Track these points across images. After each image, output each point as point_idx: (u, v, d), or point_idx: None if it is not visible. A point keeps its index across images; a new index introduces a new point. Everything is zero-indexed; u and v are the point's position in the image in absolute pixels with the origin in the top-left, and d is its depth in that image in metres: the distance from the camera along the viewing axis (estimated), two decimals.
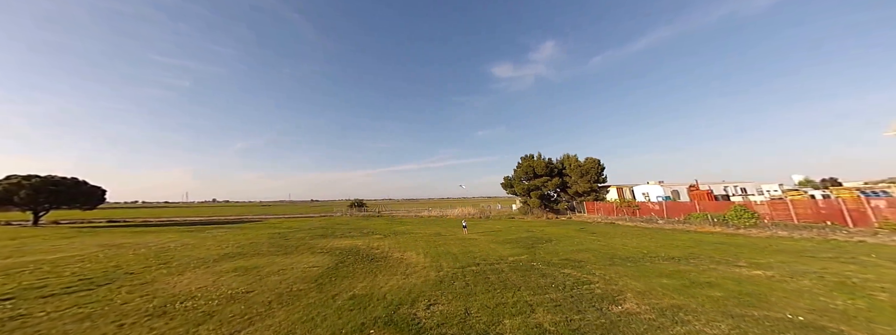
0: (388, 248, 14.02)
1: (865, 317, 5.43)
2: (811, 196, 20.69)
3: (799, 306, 6.08)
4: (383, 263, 10.83)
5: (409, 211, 51.53)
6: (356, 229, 23.83)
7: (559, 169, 29.90)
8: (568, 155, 30.36)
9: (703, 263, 9.97)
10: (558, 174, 29.57)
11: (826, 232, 13.98)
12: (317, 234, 20.31)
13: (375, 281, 8.53)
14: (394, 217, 41.37)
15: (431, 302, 6.70)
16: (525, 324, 5.44)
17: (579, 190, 28.22)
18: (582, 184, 28.04)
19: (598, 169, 28.21)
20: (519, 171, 31.41)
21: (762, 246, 12.75)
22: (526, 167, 30.39)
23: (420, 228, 24.08)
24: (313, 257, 12.06)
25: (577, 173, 28.47)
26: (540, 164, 29.65)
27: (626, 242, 14.74)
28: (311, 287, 7.96)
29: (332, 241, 16.70)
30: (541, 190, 29.07)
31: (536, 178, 29.55)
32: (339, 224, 29.95)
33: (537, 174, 29.64)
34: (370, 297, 7.06)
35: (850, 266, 8.95)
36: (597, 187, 28.10)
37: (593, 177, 28.03)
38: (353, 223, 30.92)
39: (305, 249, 14.03)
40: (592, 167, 28.21)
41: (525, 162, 30.98)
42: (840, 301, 6.27)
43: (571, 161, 29.69)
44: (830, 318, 5.46)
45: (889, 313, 5.64)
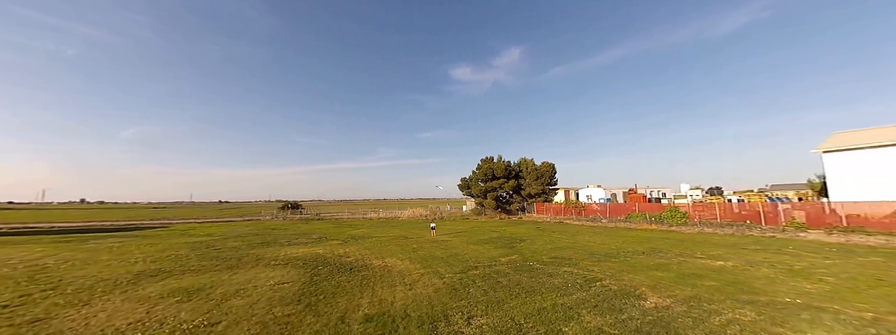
0: (362, 256, 12.44)
1: (840, 297, 6.45)
2: (728, 200, 25.85)
3: (782, 291, 6.99)
4: (370, 273, 9.44)
5: (353, 213, 48.15)
6: (302, 235, 20.97)
7: (516, 171, 31.34)
8: (524, 158, 32.16)
9: (670, 257, 11.09)
10: (515, 176, 30.96)
11: (743, 229, 17.20)
12: (254, 243, 17.17)
13: (378, 294, 7.26)
14: (338, 220, 37.97)
15: (467, 314, 5.86)
16: (586, 330, 5.04)
17: (532, 192, 30.00)
18: (535, 187, 29.87)
19: (552, 172, 30.45)
20: (478, 173, 31.90)
21: (699, 241, 14.95)
22: (486, 169, 31.05)
23: (379, 232, 22.37)
24: (273, 271, 9.92)
25: (532, 176, 30.23)
26: (500, 166, 30.62)
27: (591, 239, 15.83)
28: (299, 310, 6.33)
29: (282, 250, 14.20)
30: (497, 191, 29.97)
31: (494, 180, 30.41)
32: (275, 229, 26.11)
33: (496, 176, 30.52)
34: (389, 316, 5.87)
35: (783, 256, 10.92)
36: (548, 189, 30.26)
37: (546, 180, 30.14)
38: (292, 228, 27.28)
39: (253, 262, 11.55)
40: (547, 170, 30.30)
41: (485, 164, 31.65)
42: (807, 285, 7.42)
43: (528, 164, 31.41)
44: (816, 300, 6.35)
45: (852, 293, 6.81)
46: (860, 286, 7.23)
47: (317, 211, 54.49)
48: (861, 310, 5.75)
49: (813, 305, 5.99)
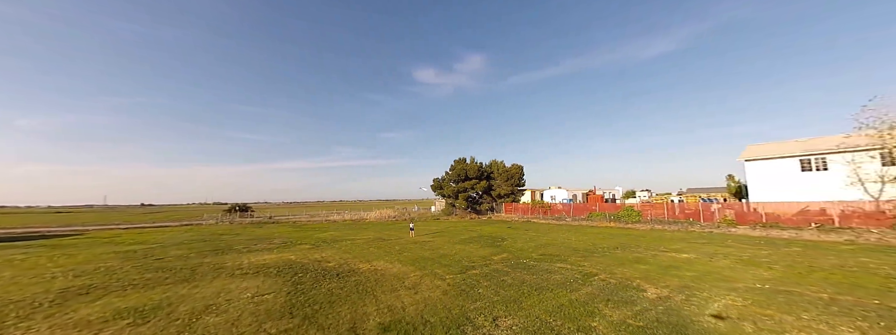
0: (344, 260, 11.55)
1: (793, 282, 7.48)
2: (671, 201, 29.04)
3: (748, 278, 7.91)
4: (361, 278, 8.76)
5: (313, 215, 45.00)
6: (260, 240, 18.98)
7: (488, 173, 31.92)
8: (495, 160, 32.88)
9: (641, 251, 12.03)
10: (486, 177, 31.50)
11: (686, 226, 19.41)
12: (204, 250, 15.08)
13: (382, 301, 6.72)
14: (298, 223, 35.11)
15: (490, 316, 5.65)
16: (613, 324, 5.15)
17: (502, 192, 30.82)
18: (505, 188, 30.73)
19: (521, 174, 31.61)
20: (451, 174, 31.82)
21: (656, 236, 16.51)
22: (459, 170, 31.10)
23: (351, 234, 21.11)
24: (243, 281, 8.72)
25: (502, 177, 31.05)
26: (473, 167, 30.91)
27: (565, 237, 16.62)
28: (296, 324, 5.58)
29: (244, 258, 12.65)
30: (468, 192, 30.21)
31: (467, 181, 30.60)
32: (224, 234, 23.28)
33: (468, 177, 30.74)
34: (408, 324, 5.43)
35: (728, 248, 12.46)
36: (517, 190, 31.34)
37: (516, 181, 31.19)
38: (245, 233, 24.57)
39: (212, 272, 10.09)
40: (516, 172, 31.37)
41: (458, 165, 31.70)
42: (762, 273, 8.50)
43: (499, 166, 32.20)
44: (777, 285, 7.28)
45: (799, 277, 7.94)
46: (801, 272, 8.48)
47: (268, 213, 49.96)
48: (815, 292, 6.71)
49: (779, 289, 6.85)
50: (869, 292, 6.57)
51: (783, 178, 19.76)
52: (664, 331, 4.87)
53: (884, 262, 9.30)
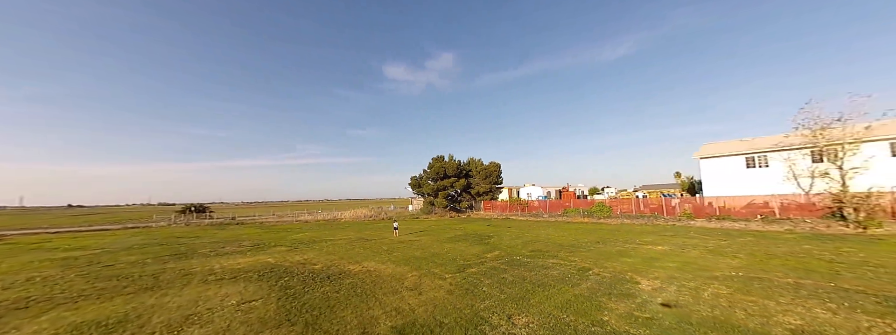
0: (331, 261, 10.96)
1: (759, 269, 8.28)
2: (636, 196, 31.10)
3: (721, 267, 8.64)
4: (356, 280, 8.35)
5: (281, 216, 42.44)
6: (226, 243, 17.55)
7: (466, 171, 32.02)
8: (473, 158, 33.10)
9: (621, 245, 12.73)
10: (465, 176, 31.60)
11: (651, 219, 20.90)
12: (163, 255, 13.63)
13: (386, 303, 6.44)
14: (265, 224, 32.88)
15: (504, 314, 5.61)
16: (622, 317, 5.34)
17: (481, 190, 31.14)
18: (484, 186, 31.09)
19: (498, 171, 32.12)
20: (429, 172, 31.46)
21: (628, 230, 17.60)
22: (437, 168, 30.84)
23: (329, 235, 20.16)
24: (221, 288, 7.95)
25: (481, 175, 31.35)
26: (451, 165, 30.80)
27: (547, 233, 17.16)
28: (299, 332, 5.17)
29: (213, 262, 11.60)
30: (447, 190, 30.13)
31: (446, 179, 30.47)
32: (182, 237, 21.21)
33: (447, 175, 30.63)
34: (422, 325, 5.23)
35: (693, 240, 13.58)
36: (494, 188, 31.83)
37: (494, 179, 31.65)
38: (206, 235, 22.56)
39: (179, 278, 9.13)
40: (494, 170, 31.82)
41: (437, 163, 31.40)
42: (731, 261, 9.34)
43: (477, 164, 32.43)
44: (747, 272, 8.01)
45: (762, 264, 8.81)
46: (762, 260, 9.44)
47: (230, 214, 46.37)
48: (781, 278, 7.48)
49: (751, 277, 7.56)
50: (823, 276, 7.45)
51: (732, 175, 22.02)
52: (668, 322, 5.13)
53: (823, 249, 10.64)
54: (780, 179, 19.11)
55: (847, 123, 14.26)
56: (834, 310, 5.33)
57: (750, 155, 21.16)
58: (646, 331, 4.83)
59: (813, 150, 17.57)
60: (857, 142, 14.14)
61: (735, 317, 5.21)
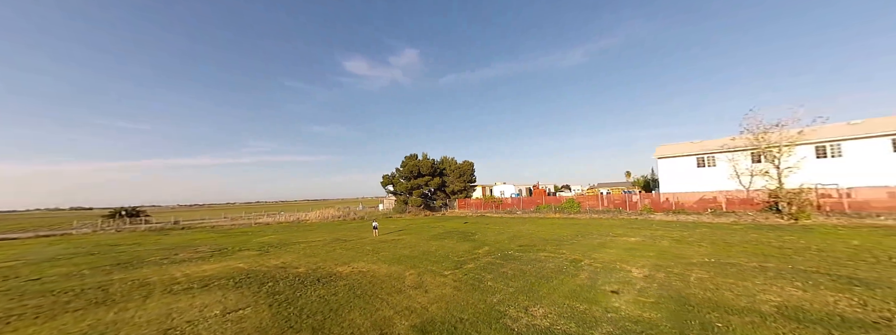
0: (315, 264, 10.27)
1: (724, 255, 9.16)
2: (600, 192, 33.16)
3: (695, 255, 9.42)
4: (351, 281, 7.90)
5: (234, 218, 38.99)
6: (181, 248, 15.85)
7: (440, 169, 31.82)
8: (446, 157, 32.99)
9: (599, 237, 13.44)
10: (439, 174, 31.39)
11: (616, 213, 22.39)
12: (102, 264, 11.95)
13: (395, 303, 6.15)
14: (218, 228, 30.02)
15: (520, 307, 5.60)
16: (631, 302, 5.58)
17: (455, 189, 31.18)
18: (458, 184, 31.16)
19: (472, 170, 32.36)
20: (403, 170, 30.77)
21: (599, 224, 18.67)
22: (411, 166, 30.26)
23: (300, 237, 18.94)
24: (193, 298, 7.09)
25: (455, 174, 31.37)
26: (426, 163, 30.39)
27: (526, 228, 17.62)
28: None
29: (171, 270, 10.41)
30: (422, 189, 29.74)
31: (420, 177, 30.02)
32: (119, 244, 18.76)
33: (421, 173, 30.18)
34: (442, 323, 5.06)
35: (659, 231, 14.74)
36: (468, 186, 32.04)
37: (468, 177, 31.84)
38: (147, 242, 20.13)
39: (135, 290, 8.05)
40: (468, 168, 32.01)
41: (410, 161, 30.79)
42: (698, 249, 10.23)
43: (451, 162, 32.38)
44: (716, 258, 8.83)
45: (725, 251, 9.76)
46: (723, 247, 10.47)
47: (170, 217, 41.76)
48: (746, 262, 8.34)
49: (722, 262, 8.33)
50: (779, 260, 8.43)
51: (685, 173, 24.39)
52: (672, 305, 5.46)
53: (769, 237, 12.09)
54: (726, 177, 21.51)
55: (783, 128, 16.46)
56: (802, 289, 6.03)
57: (700, 155, 23.61)
58: (656, 314, 5.09)
59: (753, 152, 20.01)
60: (791, 145, 16.37)
61: (725, 298, 5.69)
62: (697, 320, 4.80)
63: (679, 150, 25.86)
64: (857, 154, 18.02)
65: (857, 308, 5.02)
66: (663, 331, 4.53)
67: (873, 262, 7.70)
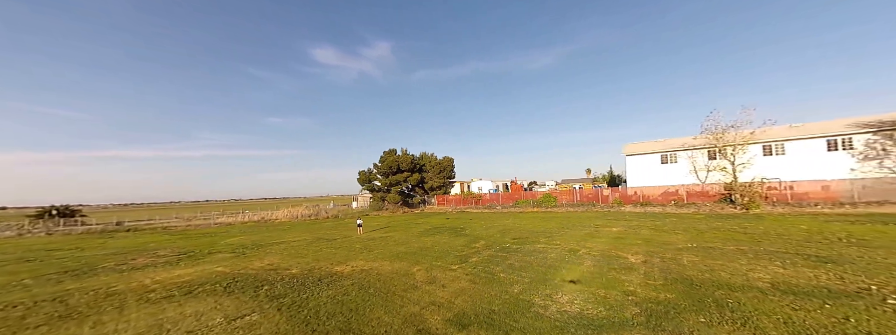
0: (308, 264, 9.68)
1: (701, 241, 10.00)
2: (573, 187, 34.75)
3: (677, 241, 10.14)
4: (357, 280, 7.54)
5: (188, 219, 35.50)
6: (137, 253, 14.27)
7: (420, 165, 31.36)
8: (425, 153, 32.60)
9: (582, 228, 14.04)
10: (418, 170, 30.93)
11: (589, 207, 23.61)
12: (46, 273, 10.42)
13: (415, 298, 5.98)
14: (173, 229, 27.21)
15: (543, 295, 5.65)
16: (642, 286, 5.87)
17: (434, 185, 30.96)
18: (437, 180, 30.95)
19: (452, 166, 32.27)
20: (381, 166, 29.84)
21: (577, 216, 19.57)
22: (390, 162, 29.45)
23: (276, 237, 17.74)
24: (180, 306, 6.38)
25: (435, 170, 31.09)
26: (405, 159, 29.75)
27: (512, 222, 17.97)
28: None
29: (139, 277, 9.32)
30: (401, 185, 29.14)
31: (399, 173, 29.36)
32: (57, 250, 16.43)
33: (401, 169, 29.51)
34: (476, 315, 4.98)
35: (634, 222, 15.75)
36: (448, 183, 31.97)
37: (448, 173, 31.73)
38: (92, 245, 17.84)
39: (104, 300, 7.14)
40: (448, 164, 31.88)
41: (389, 157, 29.93)
42: (678, 237, 11.07)
43: (430, 158, 32.02)
44: (697, 243, 9.61)
45: (700, 237, 10.65)
46: (697, 234, 11.43)
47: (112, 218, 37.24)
48: (723, 246, 9.16)
49: (704, 247, 9.07)
50: (750, 243, 9.35)
51: (650, 169, 26.38)
52: (681, 286, 5.83)
53: (731, 225, 13.40)
54: (685, 173, 23.55)
55: (738, 129, 18.36)
56: (783, 267, 6.73)
57: (664, 153, 25.66)
58: (671, 294, 5.40)
59: (710, 150, 22.11)
60: (744, 143, 18.31)
61: (723, 277, 6.19)
62: (709, 298, 5.16)
63: (645, 148, 27.89)
64: (798, 152, 20.63)
65: (837, 281, 5.70)
66: (685, 308, 4.81)
67: (828, 243, 8.83)
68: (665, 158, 25.60)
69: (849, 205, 16.84)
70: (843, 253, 7.66)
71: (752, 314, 4.52)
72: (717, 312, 4.63)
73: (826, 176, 18.97)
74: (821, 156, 20.09)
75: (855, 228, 11.10)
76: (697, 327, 4.20)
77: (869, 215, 14.26)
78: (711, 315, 4.56)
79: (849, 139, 19.67)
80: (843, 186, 17.65)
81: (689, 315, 4.59)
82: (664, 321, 4.42)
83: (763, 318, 4.37)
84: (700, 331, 4.11)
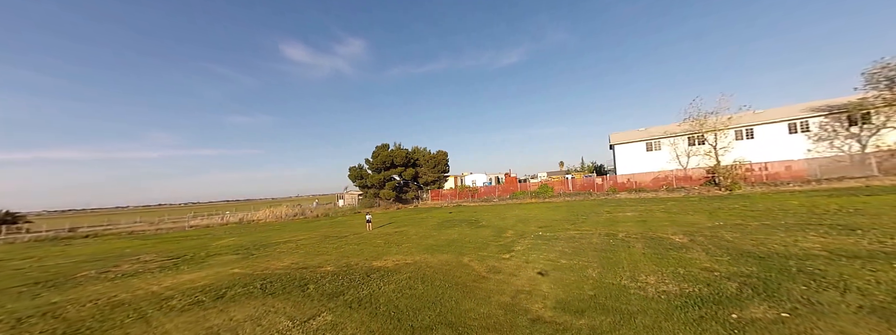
0: (340, 261, 9.00)
1: (719, 219, 10.49)
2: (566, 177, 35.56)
3: (700, 221, 10.60)
4: (409, 274, 7.10)
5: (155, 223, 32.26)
6: (114, 259, 12.62)
7: (414, 159, 30.51)
8: (418, 147, 31.76)
9: (597, 215, 14.33)
10: (412, 164, 30.09)
11: (586, 196, 24.36)
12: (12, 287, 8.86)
13: (493, 288, 5.71)
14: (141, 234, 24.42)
15: (625, 276, 5.56)
16: (711, 261, 5.97)
17: (429, 179, 30.36)
18: (431, 174, 30.34)
19: (446, 160, 31.76)
20: (374, 162, 28.62)
21: (579, 205, 20.05)
22: (383, 157, 28.31)
23: (273, 236, 16.42)
24: (223, 313, 5.62)
25: (429, 164, 30.42)
26: (400, 154, 28.72)
27: (520, 212, 18.03)
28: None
29: (136, 283, 8.16)
30: (395, 180, 28.21)
31: (393, 168, 28.39)
32: (10, 260, 14.12)
33: (395, 164, 28.51)
34: (578, 301, 4.77)
35: (641, 207, 16.37)
36: (442, 177, 31.49)
37: (442, 167, 31.19)
38: (52, 255, 15.51)
39: (115, 311, 6.17)
40: (442, 158, 31.31)
41: (382, 151, 28.75)
42: (696, 217, 11.59)
43: (424, 153, 31.27)
44: (722, 222, 10.08)
45: (713, 217, 11.20)
46: (709, 214, 12.04)
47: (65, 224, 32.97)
48: (744, 222, 9.65)
49: (730, 224, 9.50)
50: (769, 219, 9.90)
51: (637, 156, 27.71)
52: (751, 259, 5.99)
53: (731, 204, 14.28)
54: (669, 159, 24.96)
55: (719, 114, 19.68)
56: (821, 236, 7.16)
57: (648, 141, 27.03)
58: (751, 267, 5.51)
59: (690, 136, 23.57)
60: (725, 128, 19.66)
61: (779, 249, 6.45)
62: (791, 268, 5.32)
63: (630, 136, 29.21)
64: (765, 136, 22.56)
65: (879, 244, 6.13)
66: (776, 278, 4.91)
67: (832, 214, 9.61)
68: (650, 146, 26.98)
69: (814, 181, 18.71)
70: (855, 221, 8.34)
71: (842, 278, 4.69)
72: (810, 279, 4.76)
73: (789, 157, 20.95)
74: (784, 138, 22.15)
75: (839, 201, 12.23)
76: (808, 294, 4.28)
77: (835, 190, 15.83)
78: (807, 282, 4.68)
79: (806, 122, 21.79)
80: (802, 166, 19.59)
81: (788, 284, 4.68)
82: (772, 291, 4.46)
83: (856, 281, 4.55)
84: (813, 296, 4.18)
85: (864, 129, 19.48)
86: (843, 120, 20.20)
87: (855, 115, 19.59)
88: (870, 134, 19.27)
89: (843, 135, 20.45)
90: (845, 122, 20.16)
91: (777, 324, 3.56)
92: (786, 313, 3.79)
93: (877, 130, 18.90)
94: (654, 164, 26.02)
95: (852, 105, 19.23)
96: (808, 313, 3.75)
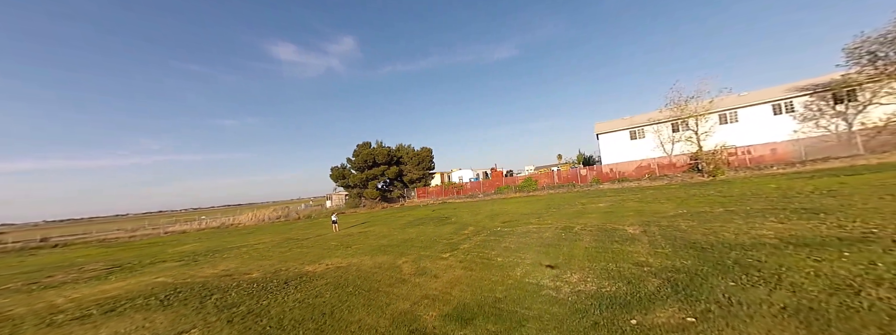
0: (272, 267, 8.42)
1: (689, 206, 9.92)
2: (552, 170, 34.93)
3: (667, 210, 10.01)
4: (332, 279, 6.53)
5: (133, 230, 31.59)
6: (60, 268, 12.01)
7: (397, 157, 29.84)
8: (402, 144, 31.07)
9: (571, 207, 13.75)
10: (396, 163, 29.43)
11: (570, 188, 23.75)
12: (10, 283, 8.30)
13: (403, 293, 5.15)
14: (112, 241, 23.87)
15: (550, 276, 4.97)
16: (654, 256, 5.38)
17: (413, 177, 29.72)
18: (416, 172, 29.70)
19: (431, 157, 31.11)
20: (356, 161, 27.97)
21: (560, 197, 19.48)
22: (365, 155, 27.65)
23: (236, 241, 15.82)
24: (96, 329, 5.05)
25: (413, 162, 29.77)
26: (381, 152, 28.04)
27: (498, 208, 17.45)
28: None
29: (45, 296, 7.58)
30: (378, 179, 27.60)
31: (376, 167, 27.72)
32: None
33: (377, 163, 27.85)
34: (478, 306, 4.18)
35: (617, 197, 15.77)
36: (427, 174, 30.85)
37: (427, 164, 30.55)
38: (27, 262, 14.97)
39: None
40: (426, 155, 30.64)
41: (364, 150, 28.08)
42: (667, 205, 11.00)
43: (408, 150, 30.58)
44: (689, 209, 9.49)
45: (687, 204, 10.61)
46: (681, 202, 11.44)
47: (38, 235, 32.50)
48: (712, 209, 9.07)
49: (694, 212, 8.92)
50: (735, 205, 9.34)
51: (621, 145, 27.06)
52: (692, 251, 5.42)
53: (707, 191, 13.67)
54: (653, 147, 24.32)
55: (699, 98, 18.98)
56: (780, 222, 6.57)
57: (631, 129, 26.35)
58: (685, 261, 4.93)
59: (673, 123, 22.89)
60: (706, 113, 18.97)
61: (729, 238, 5.86)
62: (728, 259, 4.75)
63: (614, 125, 28.52)
64: (749, 119, 21.85)
65: (837, 230, 5.53)
66: (707, 273, 4.33)
67: (803, 196, 9.01)
68: (634, 134, 26.31)
69: (799, 163, 18.07)
70: (823, 203, 7.75)
71: (779, 271, 4.11)
72: (743, 273, 4.18)
73: (774, 139, 20.27)
74: (768, 120, 21.45)
75: (817, 182, 11.62)
76: (732, 291, 3.70)
77: (818, 171, 15.22)
78: (738, 277, 4.09)
79: (790, 103, 21.07)
80: (788, 148, 18.93)
81: (715, 279, 4.10)
82: (692, 289, 3.88)
83: (792, 274, 3.96)
84: (736, 295, 3.60)
85: (850, 107, 18.79)
86: (829, 98, 19.50)
87: (840, 92, 18.88)
88: (856, 112, 18.59)
89: (828, 114, 19.76)
90: (831, 101, 19.46)
91: (676, 333, 2.98)
92: (692, 318, 3.21)
93: (863, 108, 18.22)
94: (638, 153, 25.36)
95: (836, 83, 18.52)
96: (719, 317, 3.17)
